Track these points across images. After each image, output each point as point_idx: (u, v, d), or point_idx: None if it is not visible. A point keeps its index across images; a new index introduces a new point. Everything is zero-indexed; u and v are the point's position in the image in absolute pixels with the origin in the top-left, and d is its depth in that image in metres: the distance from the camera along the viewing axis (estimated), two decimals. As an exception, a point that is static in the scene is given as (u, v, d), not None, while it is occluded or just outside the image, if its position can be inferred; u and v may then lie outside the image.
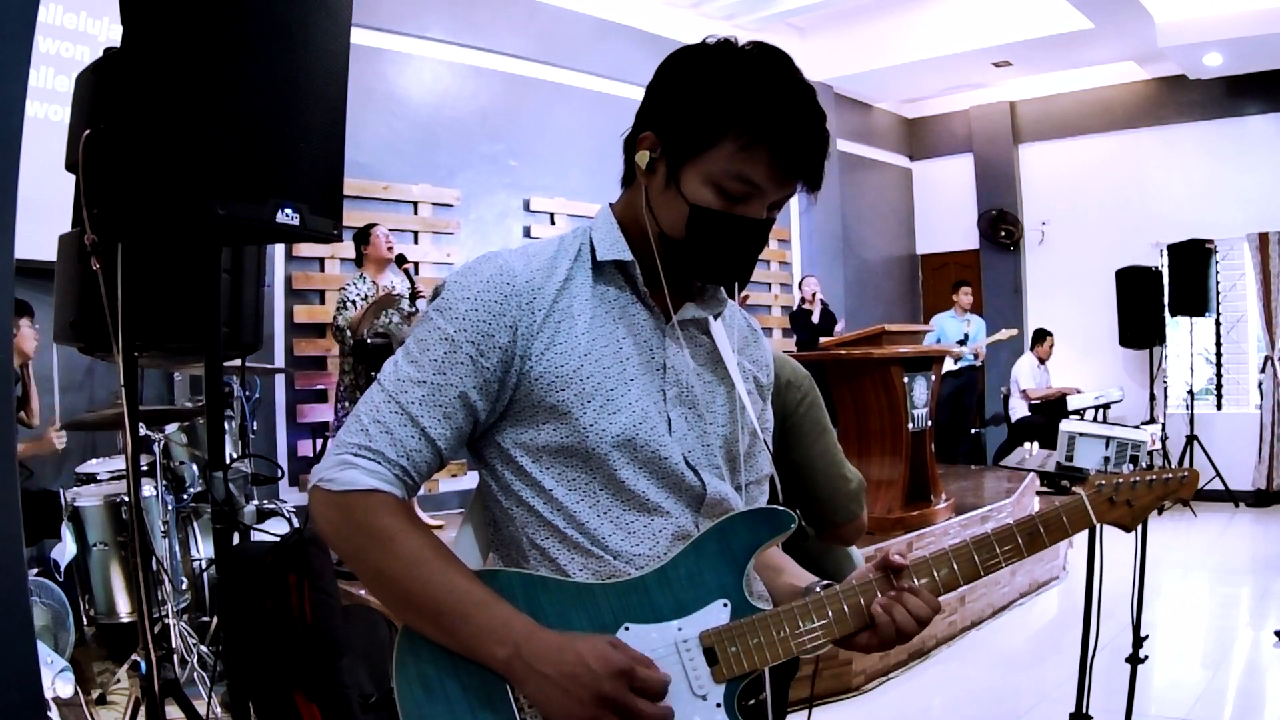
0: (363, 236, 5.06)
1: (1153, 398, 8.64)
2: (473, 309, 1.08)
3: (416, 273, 5.52)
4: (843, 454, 1.91)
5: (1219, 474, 7.79)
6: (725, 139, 1.07)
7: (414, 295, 4.92)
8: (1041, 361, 8.53)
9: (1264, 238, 8.03)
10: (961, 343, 8.60)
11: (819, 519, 1.87)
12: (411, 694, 1.03)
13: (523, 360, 1.09)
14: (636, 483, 1.10)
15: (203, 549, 3.95)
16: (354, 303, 4.79)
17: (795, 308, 8.00)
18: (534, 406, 1.10)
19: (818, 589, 1.13)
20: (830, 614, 1.09)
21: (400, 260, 4.97)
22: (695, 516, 1.14)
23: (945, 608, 4.21)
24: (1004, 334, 8.66)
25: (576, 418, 1.08)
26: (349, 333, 4.75)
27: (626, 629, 1.06)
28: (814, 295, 7.79)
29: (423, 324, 1.12)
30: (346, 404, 4.84)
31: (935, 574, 1.12)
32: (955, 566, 1.12)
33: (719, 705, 1.05)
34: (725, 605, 1.08)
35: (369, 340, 4.71)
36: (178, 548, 3.82)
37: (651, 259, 1.15)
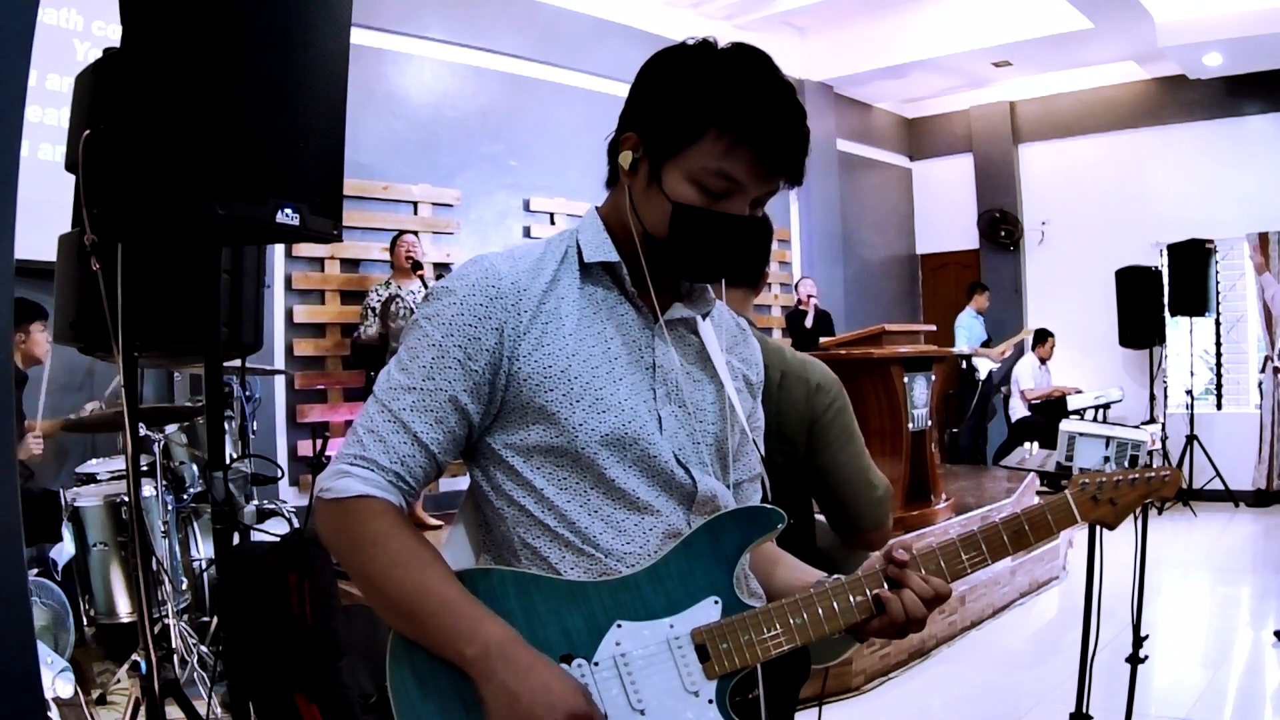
0: (392, 244, 5.45)
1: (1153, 398, 8.64)
2: (459, 313, 1.09)
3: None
4: (870, 460, 1.89)
5: (1219, 474, 7.79)
6: (705, 136, 1.07)
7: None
8: (1043, 362, 8.54)
9: (1264, 238, 8.03)
10: (987, 344, 8.67)
11: (844, 524, 1.85)
12: (405, 691, 1.04)
13: (510, 361, 1.10)
14: (626, 481, 1.11)
15: (203, 549, 3.95)
16: (372, 310, 5.16)
17: (793, 308, 8.03)
18: (523, 408, 1.10)
19: (825, 583, 1.14)
20: (820, 610, 1.10)
21: (416, 267, 5.22)
22: (686, 514, 1.15)
23: (945, 607, 4.21)
24: (1022, 334, 8.74)
25: (565, 418, 1.09)
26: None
27: (619, 626, 1.07)
28: (808, 298, 7.76)
29: (412, 331, 1.13)
30: None
31: (922, 572, 1.13)
32: (942, 564, 1.14)
33: (711, 701, 1.06)
34: (716, 603, 1.10)
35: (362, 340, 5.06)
36: (178, 548, 3.82)
37: (638, 260, 1.15)
